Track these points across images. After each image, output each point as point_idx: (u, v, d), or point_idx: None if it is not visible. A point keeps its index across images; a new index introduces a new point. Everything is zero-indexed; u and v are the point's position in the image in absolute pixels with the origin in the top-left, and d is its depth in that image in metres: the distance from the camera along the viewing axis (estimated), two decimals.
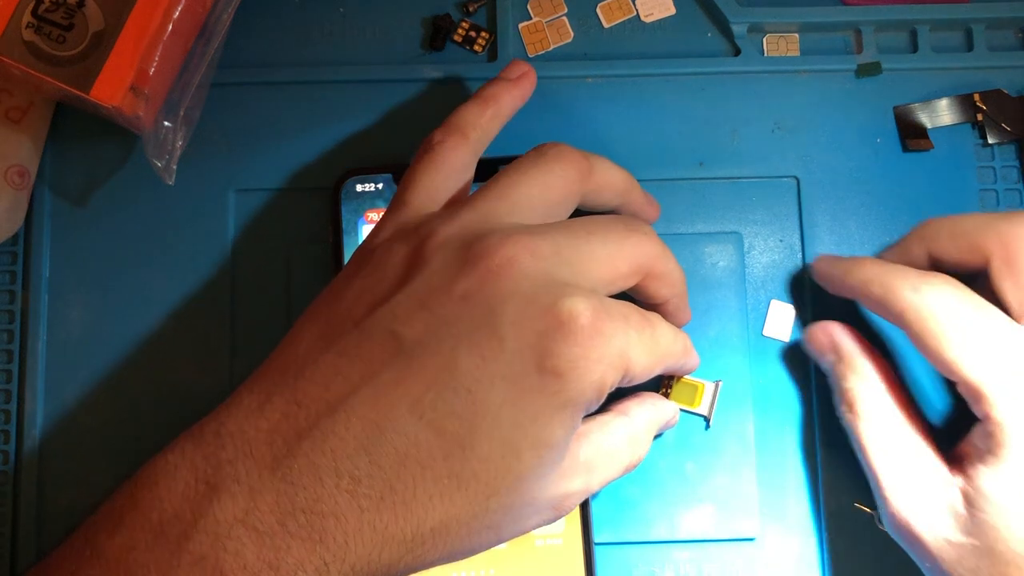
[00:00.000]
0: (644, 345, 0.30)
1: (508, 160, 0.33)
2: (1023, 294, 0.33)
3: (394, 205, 0.33)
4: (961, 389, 0.33)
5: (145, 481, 0.27)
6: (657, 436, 0.37)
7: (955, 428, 0.35)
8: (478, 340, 0.28)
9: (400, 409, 0.27)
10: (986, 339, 0.32)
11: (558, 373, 0.28)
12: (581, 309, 0.28)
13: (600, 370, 0.29)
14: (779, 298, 0.39)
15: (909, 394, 0.36)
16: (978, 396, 0.32)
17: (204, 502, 0.26)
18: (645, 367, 0.30)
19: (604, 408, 0.33)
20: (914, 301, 0.33)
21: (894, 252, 0.37)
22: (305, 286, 0.39)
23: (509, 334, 0.28)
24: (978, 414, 0.32)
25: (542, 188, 0.32)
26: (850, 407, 0.35)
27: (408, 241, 0.30)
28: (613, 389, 0.30)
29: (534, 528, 0.30)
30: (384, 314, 0.29)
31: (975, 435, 0.33)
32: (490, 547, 0.29)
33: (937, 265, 0.35)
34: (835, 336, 0.36)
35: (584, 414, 0.29)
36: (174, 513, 0.26)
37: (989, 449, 0.32)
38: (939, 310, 0.32)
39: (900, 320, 0.33)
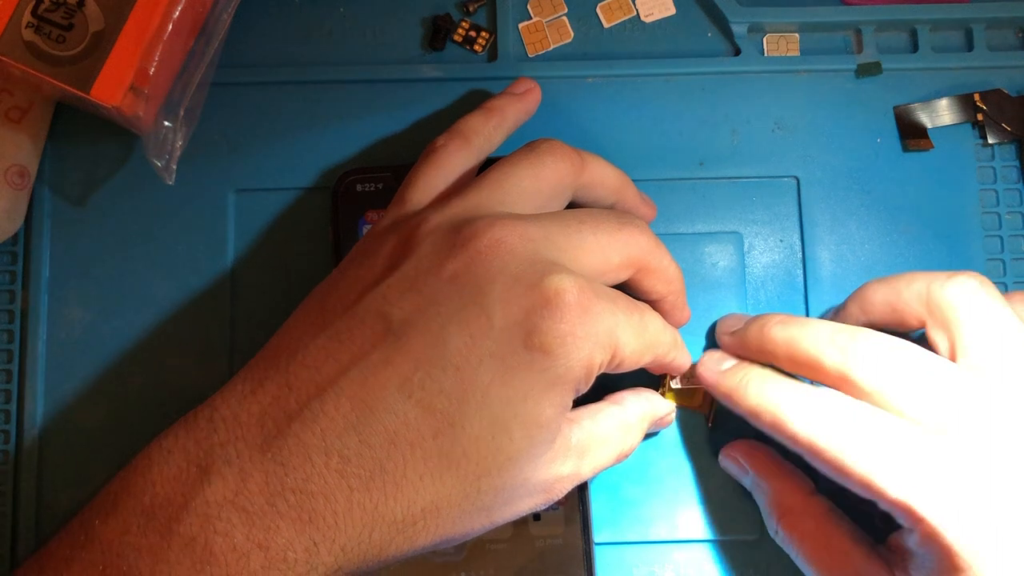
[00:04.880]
0: (632, 329, 0.30)
1: None
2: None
3: (393, 203, 0.33)
4: (887, 508, 0.30)
5: (139, 467, 0.27)
6: (652, 435, 0.38)
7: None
8: (466, 318, 0.28)
9: (389, 388, 0.27)
10: (901, 448, 0.29)
11: (546, 350, 0.28)
12: (568, 286, 0.28)
13: (588, 347, 0.29)
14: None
15: (829, 502, 0.34)
16: (914, 518, 0.29)
17: (195, 485, 0.26)
18: (634, 351, 0.30)
19: (599, 400, 0.33)
20: (803, 427, 0.31)
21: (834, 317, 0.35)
22: (305, 286, 0.39)
23: (497, 312, 0.28)
24: (918, 538, 0.30)
25: (533, 180, 0.32)
26: (781, 528, 0.34)
27: (400, 231, 0.31)
28: (602, 371, 0.30)
29: (526, 512, 0.30)
30: (374, 297, 0.29)
31: (911, 544, 0.30)
32: (483, 531, 0.29)
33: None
34: (743, 461, 0.36)
35: (574, 394, 0.29)
36: (166, 496, 0.26)
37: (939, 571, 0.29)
38: (834, 429, 0.30)
39: (795, 447, 0.31)
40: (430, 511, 0.28)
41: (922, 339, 0.32)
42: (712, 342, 0.39)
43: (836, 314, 0.36)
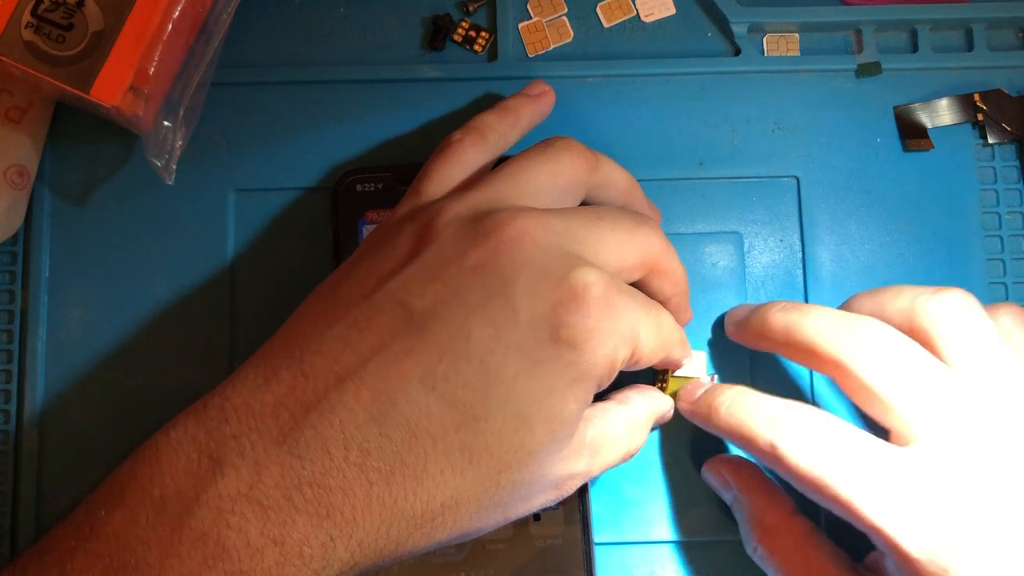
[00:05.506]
0: (651, 326, 0.30)
1: None
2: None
3: (408, 195, 0.33)
4: (862, 530, 0.30)
5: (146, 457, 0.27)
6: (652, 429, 0.38)
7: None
8: (491, 310, 0.28)
9: (411, 380, 0.27)
10: (880, 472, 0.30)
11: (572, 344, 0.28)
12: (594, 280, 0.28)
13: (613, 343, 0.29)
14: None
15: (811, 521, 0.34)
16: (889, 544, 0.29)
17: (208, 477, 0.26)
18: (652, 348, 0.31)
19: (603, 399, 0.33)
20: (778, 442, 0.31)
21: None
22: (305, 286, 0.39)
23: (523, 304, 0.28)
24: (894, 564, 0.30)
25: (550, 175, 0.32)
26: (760, 546, 0.34)
27: (418, 220, 0.30)
28: (622, 367, 0.30)
29: (536, 509, 0.30)
30: (394, 286, 0.28)
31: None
32: (497, 527, 0.29)
33: None
34: (727, 475, 0.36)
35: (596, 391, 0.29)
36: (176, 489, 0.26)
37: None
38: (809, 446, 0.30)
39: (769, 463, 0.32)
40: (449, 506, 0.27)
41: None
42: (711, 344, 0.39)
43: None
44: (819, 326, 0.32)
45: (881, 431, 0.31)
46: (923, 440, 0.30)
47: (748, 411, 0.32)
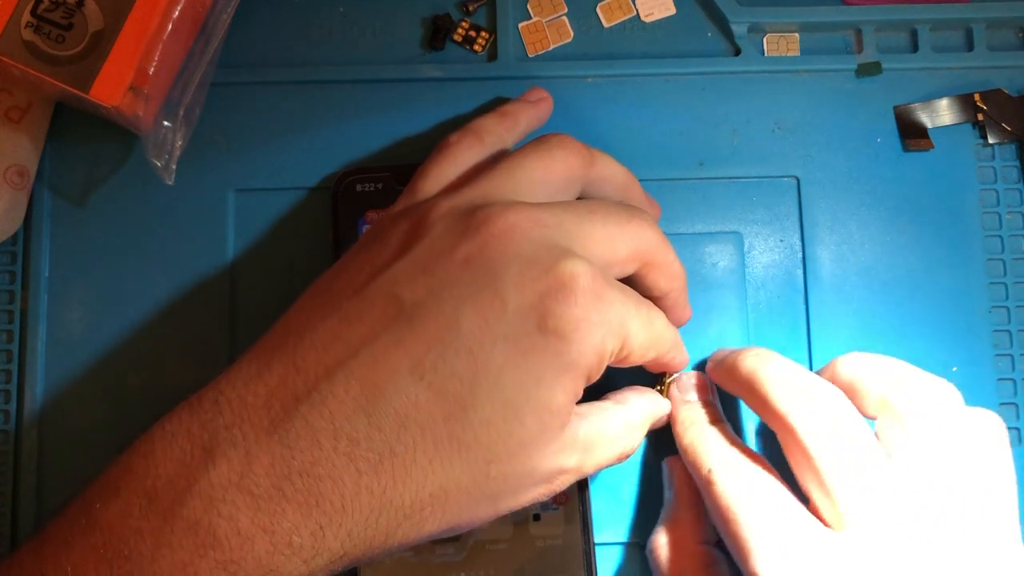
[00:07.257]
0: (642, 320, 0.30)
1: None
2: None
3: (404, 194, 0.33)
4: None
5: (141, 450, 0.27)
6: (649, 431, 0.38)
7: None
8: (480, 301, 0.28)
9: (400, 370, 0.27)
10: (788, 540, 0.30)
11: (560, 334, 0.28)
12: (582, 271, 0.28)
13: (601, 334, 0.29)
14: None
15: (717, 554, 0.34)
16: None
17: (199, 467, 0.26)
18: (641, 344, 0.31)
19: (601, 399, 0.33)
20: (713, 484, 0.32)
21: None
22: (304, 286, 0.39)
23: (511, 295, 0.28)
24: None
25: (544, 171, 0.32)
26: (656, 552, 0.34)
27: (411, 215, 0.31)
28: (611, 360, 0.30)
29: (528, 504, 0.30)
30: (385, 280, 0.29)
31: None
32: (487, 520, 0.29)
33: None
34: (672, 477, 0.36)
35: (585, 383, 0.29)
36: (168, 479, 0.26)
37: None
38: (739, 503, 0.31)
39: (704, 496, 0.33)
40: (438, 497, 0.27)
41: None
42: (711, 344, 0.39)
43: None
44: (777, 380, 0.32)
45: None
46: (847, 526, 0.30)
47: (699, 441, 0.34)
